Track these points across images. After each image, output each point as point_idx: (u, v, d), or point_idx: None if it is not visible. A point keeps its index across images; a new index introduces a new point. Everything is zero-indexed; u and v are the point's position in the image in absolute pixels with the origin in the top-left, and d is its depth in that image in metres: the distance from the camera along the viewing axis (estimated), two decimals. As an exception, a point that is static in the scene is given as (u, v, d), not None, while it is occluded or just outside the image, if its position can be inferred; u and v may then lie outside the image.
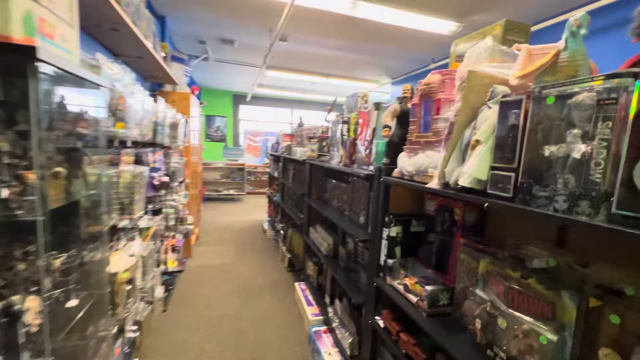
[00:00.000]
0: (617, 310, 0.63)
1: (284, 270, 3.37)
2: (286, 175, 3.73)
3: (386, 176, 1.36)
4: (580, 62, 0.74)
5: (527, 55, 0.89)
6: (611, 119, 0.58)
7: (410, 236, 1.40)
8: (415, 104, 1.23)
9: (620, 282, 0.70)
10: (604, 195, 0.59)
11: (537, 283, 0.78)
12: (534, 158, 0.72)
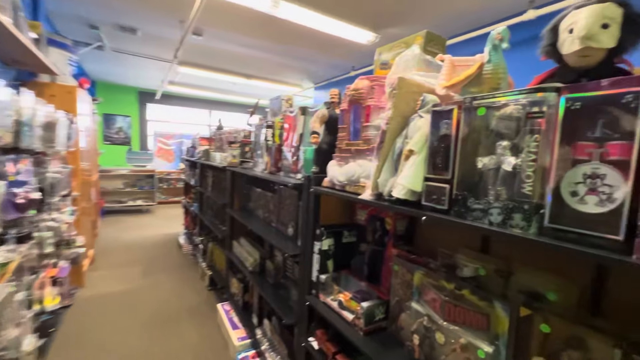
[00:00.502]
0: (545, 318, 0.65)
1: (205, 289, 3.02)
2: (204, 183, 3.38)
3: (316, 186, 1.27)
4: (501, 75, 0.76)
5: (450, 65, 0.90)
6: (538, 132, 0.59)
7: (342, 248, 1.33)
8: (344, 110, 1.17)
9: (542, 288, 0.73)
10: (535, 208, 0.59)
11: (471, 294, 0.78)
12: (468, 170, 0.71)
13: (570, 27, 0.68)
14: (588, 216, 0.52)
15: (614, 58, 0.67)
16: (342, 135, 1.19)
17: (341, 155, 1.17)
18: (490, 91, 0.77)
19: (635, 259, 0.46)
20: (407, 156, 0.82)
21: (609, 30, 0.64)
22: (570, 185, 0.54)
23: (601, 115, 0.51)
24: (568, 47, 0.69)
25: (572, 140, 0.54)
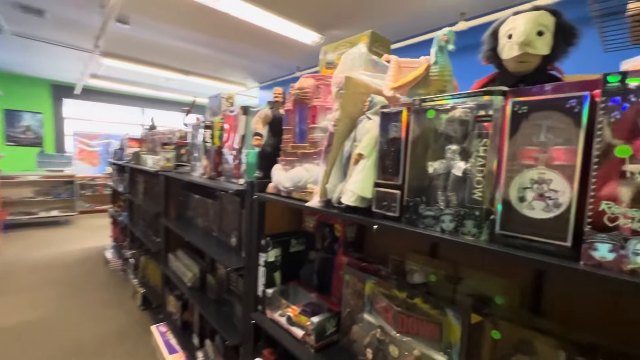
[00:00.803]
0: (495, 324, 0.64)
1: (137, 310, 2.68)
2: (135, 189, 3.01)
3: (260, 192, 1.16)
4: (447, 77, 0.74)
5: (396, 66, 0.87)
6: (486, 136, 0.58)
7: (290, 257, 1.25)
8: (289, 110, 1.08)
9: (489, 291, 0.73)
10: (486, 214, 0.57)
11: (424, 302, 0.75)
12: (418, 174, 0.68)
13: (509, 33, 0.69)
14: (536, 222, 0.51)
15: (547, 65, 0.69)
16: (287, 137, 1.10)
17: (286, 159, 1.08)
18: (437, 93, 0.75)
19: (583, 265, 0.45)
20: (357, 160, 0.76)
21: (544, 38, 0.66)
22: (518, 190, 0.53)
23: (546, 120, 0.51)
24: (507, 53, 0.70)
25: (519, 144, 0.53)
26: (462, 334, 0.68)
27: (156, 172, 2.22)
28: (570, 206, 0.48)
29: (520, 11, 0.68)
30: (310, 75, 1.04)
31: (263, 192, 1.16)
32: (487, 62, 0.76)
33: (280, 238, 1.22)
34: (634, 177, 0.42)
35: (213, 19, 3.12)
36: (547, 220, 0.50)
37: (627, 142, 0.43)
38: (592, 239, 0.45)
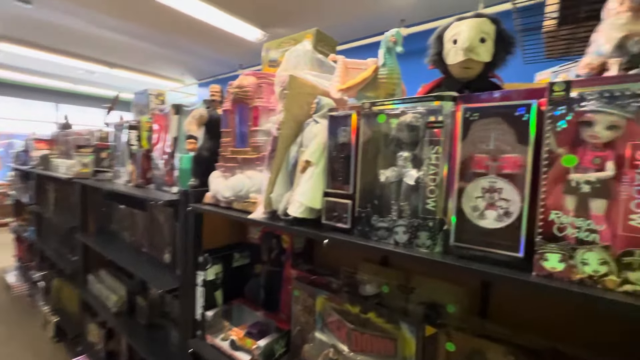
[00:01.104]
0: (448, 335, 0.63)
1: (49, 342, 2.27)
2: (43, 200, 2.55)
3: (196, 203, 1.03)
4: (396, 80, 0.72)
5: (343, 67, 0.83)
6: (438, 142, 0.55)
7: (233, 273, 1.13)
8: (228, 111, 0.97)
9: (442, 299, 0.72)
10: (440, 225, 0.55)
11: (377, 317, 0.72)
12: (370, 183, 0.63)
13: (453, 38, 0.68)
14: (489, 232, 0.50)
15: (488, 72, 0.70)
16: (226, 140, 0.99)
17: (226, 165, 0.97)
18: (387, 96, 0.72)
19: (535, 277, 0.45)
20: (304, 168, 0.70)
21: (486, 45, 0.66)
22: (471, 199, 0.52)
23: (495, 128, 0.50)
24: (452, 58, 0.69)
25: (470, 152, 0.52)
26: (417, 347, 0.66)
27: (70, 179, 1.89)
28: (521, 216, 0.47)
29: (464, 17, 0.68)
30: (252, 72, 0.95)
31: (199, 203, 1.03)
32: (433, 66, 0.75)
33: (222, 252, 1.10)
34: (579, 187, 0.43)
35: (142, 6, 2.80)
36: (499, 230, 0.49)
37: (572, 151, 0.43)
38: (542, 249, 0.45)
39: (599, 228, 0.41)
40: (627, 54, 0.92)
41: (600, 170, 0.42)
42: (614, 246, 0.40)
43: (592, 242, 0.41)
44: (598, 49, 0.96)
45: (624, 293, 0.39)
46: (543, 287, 0.43)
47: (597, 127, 0.42)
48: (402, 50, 0.69)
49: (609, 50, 0.92)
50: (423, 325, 0.66)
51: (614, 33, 0.85)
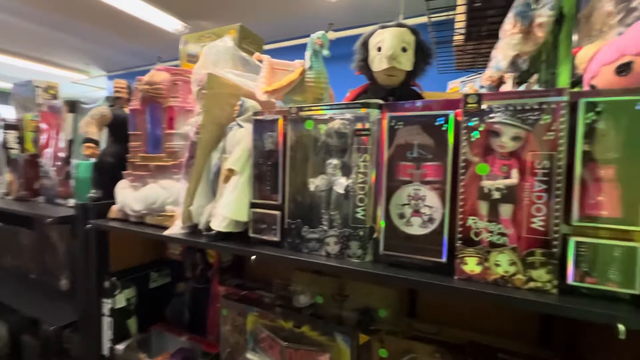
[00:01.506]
0: (381, 342, 0.63)
1: None
2: None
3: (99, 219, 0.87)
4: (323, 84, 0.70)
5: (269, 68, 0.78)
6: (365, 150, 0.55)
7: (150, 295, 0.99)
8: (136, 110, 0.84)
9: (374, 304, 0.72)
10: (369, 234, 0.54)
11: (312, 330, 0.69)
12: (299, 192, 0.60)
13: (378, 45, 0.69)
14: (415, 238, 0.50)
15: (410, 81, 0.73)
16: (135, 145, 0.85)
17: (136, 174, 0.84)
18: (314, 101, 0.70)
19: (456, 280, 0.47)
20: (227, 177, 0.63)
21: (407, 54, 0.68)
22: (397, 207, 0.52)
23: (418, 136, 0.51)
24: (377, 65, 0.69)
25: (396, 160, 0.52)
26: (352, 357, 0.65)
27: None
28: (443, 222, 0.48)
29: (386, 25, 0.69)
30: (165, 68, 0.83)
31: (103, 218, 0.87)
32: (359, 72, 0.75)
33: (135, 273, 0.95)
34: (490, 193, 0.45)
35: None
36: (424, 236, 0.50)
37: (484, 160, 0.46)
38: (462, 254, 0.47)
39: (508, 231, 0.44)
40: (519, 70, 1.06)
41: (507, 178, 0.45)
42: (520, 247, 0.44)
43: (503, 245, 0.44)
44: (497, 64, 1.09)
45: (528, 290, 0.43)
46: (463, 291, 0.44)
47: (503, 138, 0.45)
48: (329, 54, 0.67)
49: (505, 66, 1.04)
50: (357, 334, 0.65)
51: (509, 51, 0.97)
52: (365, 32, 0.73)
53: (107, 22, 3.06)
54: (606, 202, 0.41)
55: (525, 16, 0.88)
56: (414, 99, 0.71)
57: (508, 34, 0.91)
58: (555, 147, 0.42)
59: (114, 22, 3.04)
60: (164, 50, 3.76)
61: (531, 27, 0.87)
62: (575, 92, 0.41)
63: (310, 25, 2.84)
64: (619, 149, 0.40)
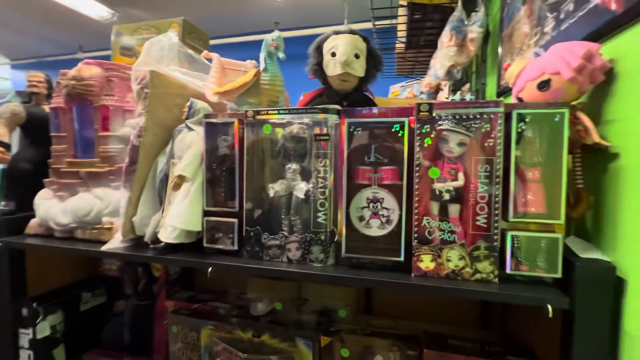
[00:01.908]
0: (342, 341, 0.64)
1: None
2: None
3: (12, 235, 0.73)
4: (279, 87, 0.68)
5: (220, 67, 0.74)
6: (325, 155, 0.55)
7: (82, 319, 0.87)
8: (60, 109, 0.73)
9: (333, 304, 0.74)
10: (331, 238, 0.55)
11: (272, 338, 0.67)
12: (257, 198, 0.58)
13: (332, 50, 0.70)
14: (374, 239, 0.52)
15: (362, 86, 0.75)
16: (59, 148, 0.74)
17: (61, 182, 0.73)
18: (270, 103, 0.68)
19: (414, 277, 0.50)
20: (178, 184, 0.58)
21: (360, 61, 0.70)
22: (357, 210, 0.53)
23: (375, 141, 0.53)
24: (332, 70, 0.70)
25: (355, 164, 0.53)
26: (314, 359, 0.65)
27: None
28: (400, 222, 0.51)
29: (339, 31, 0.71)
30: (96, 62, 0.74)
31: (19, 234, 0.74)
32: (313, 76, 0.75)
33: (63, 295, 0.83)
34: (441, 195, 0.49)
35: None
36: (382, 237, 0.52)
37: (435, 164, 0.50)
38: (418, 252, 0.50)
39: (457, 229, 0.49)
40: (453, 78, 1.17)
41: (455, 180, 0.49)
42: (467, 243, 0.48)
43: (453, 242, 0.49)
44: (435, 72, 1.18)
45: (475, 281, 0.48)
46: (421, 287, 0.48)
47: (451, 144, 0.49)
48: (284, 57, 0.66)
49: (442, 75, 1.14)
50: (318, 337, 0.66)
51: (445, 62, 1.06)
52: (319, 36, 0.74)
53: (9, 1, 2.60)
54: (534, 200, 0.47)
55: (460, 31, 0.97)
56: (366, 103, 0.75)
57: (445, 46, 1.00)
58: (494, 152, 0.47)
59: (19, 1, 2.60)
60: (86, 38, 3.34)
61: (465, 42, 0.97)
62: (509, 104, 0.47)
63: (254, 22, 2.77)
64: (543, 154, 0.46)
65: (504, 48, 0.88)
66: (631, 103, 0.43)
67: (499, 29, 0.91)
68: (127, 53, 1.02)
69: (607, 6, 0.46)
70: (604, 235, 0.47)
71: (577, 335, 0.42)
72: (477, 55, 1.04)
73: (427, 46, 1.57)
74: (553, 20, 0.63)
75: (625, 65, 0.44)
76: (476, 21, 0.96)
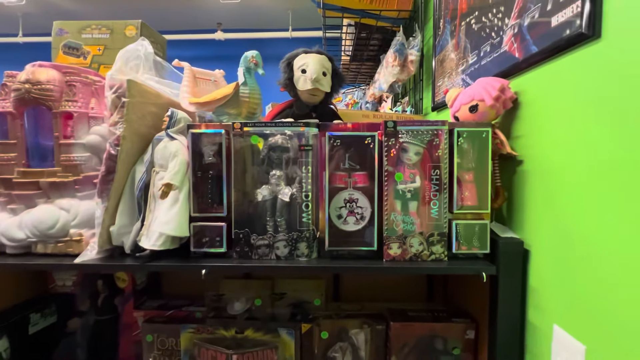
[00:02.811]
0: (320, 326, 0.73)
1: None
2: None
3: (-56, 257, 0.65)
4: (257, 100, 0.74)
5: (192, 77, 0.77)
6: (307, 163, 0.63)
7: (31, 341, 0.79)
8: (8, 114, 0.67)
9: (307, 296, 0.82)
10: (313, 234, 0.63)
11: (255, 332, 0.73)
12: (243, 202, 0.63)
13: (302, 68, 0.78)
14: (351, 233, 0.62)
15: (328, 100, 0.85)
16: (9, 157, 0.68)
17: (13, 193, 0.67)
18: (249, 115, 0.73)
19: (385, 262, 0.61)
20: (165, 193, 0.60)
21: (327, 78, 0.80)
22: (335, 209, 0.63)
23: (350, 151, 0.62)
24: (302, 85, 0.78)
25: (334, 170, 0.62)
26: (296, 345, 0.72)
27: None
28: (373, 218, 0.62)
29: (308, 51, 0.79)
30: (51, 64, 0.69)
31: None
32: (284, 89, 0.82)
33: (8, 319, 0.75)
34: (404, 194, 0.61)
35: None
36: (358, 231, 0.62)
37: (398, 169, 0.62)
38: (388, 241, 0.61)
39: (415, 221, 0.61)
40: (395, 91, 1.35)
41: (413, 182, 0.62)
42: (424, 232, 0.61)
43: (414, 231, 0.61)
44: (380, 86, 1.34)
45: (431, 261, 0.61)
46: (393, 269, 0.59)
47: (410, 153, 0.62)
48: (263, 73, 0.72)
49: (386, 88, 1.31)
50: (299, 325, 0.73)
51: (389, 78, 1.22)
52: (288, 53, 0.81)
53: None
54: (469, 195, 0.62)
55: (402, 53, 1.14)
56: (332, 115, 0.85)
57: (390, 65, 1.16)
58: (441, 160, 0.61)
59: None
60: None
61: (406, 62, 1.14)
62: (452, 123, 0.61)
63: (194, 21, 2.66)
64: (474, 161, 0.62)
65: (437, 70, 1.07)
66: (530, 124, 0.60)
67: (433, 53, 1.10)
68: (72, 53, 0.94)
69: (513, 53, 0.64)
70: (514, 219, 0.65)
71: (501, 292, 0.58)
72: (415, 75, 1.22)
73: (369, 60, 1.75)
74: (475, 56, 0.81)
75: (526, 97, 0.62)
76: (414, 46, 1.13)
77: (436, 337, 0.70)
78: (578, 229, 0.47)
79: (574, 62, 0.48)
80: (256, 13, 2.32)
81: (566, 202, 0.49)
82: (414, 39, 1.15)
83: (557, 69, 0.52)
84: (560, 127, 0.51)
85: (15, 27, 1.85)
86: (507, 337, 0.59)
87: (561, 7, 0.49)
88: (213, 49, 2.26)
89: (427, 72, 1.17)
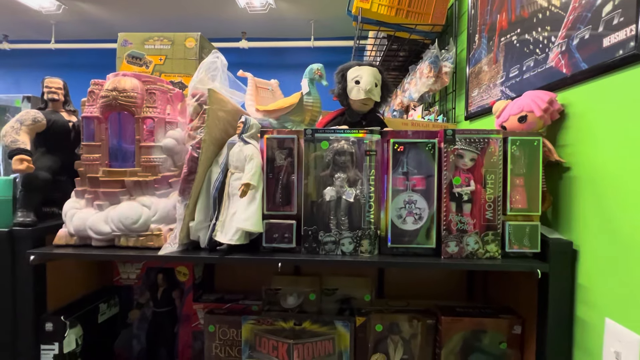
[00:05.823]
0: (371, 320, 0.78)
1: None
2: None
3: (38, 247, 0.71)
4: (318, 108, 0.80)
5: (254, 86, 0.83)
6: (372, 167, 0.69)
7: (98, 332, 0.85)
8: (95, 118, 0.74)
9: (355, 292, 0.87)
10: (375, 232, 0.69)
11: (312, 324, 0.78)
12: (311, 203, 0.69)
13: (356, 79, 0.84)
14: (409, 232, 0.68)
15: (376, 109, 0.91)
16: (92, 157, 0.74)
17: (98, 191, 0.73)
18: (310, 122, 0.80)
19: (443, 259, 0.66)
20: (245, 192, 0.66)
21: (377, 89, 0.86)
22: (395, 210, 0.68)
23: (409, 156, 0.68)
24: (356, 95, 0.85)
25: (395, 174, 0.68)
26: (351, 337, 0.77)
27: None
28: (429, 218, 0.67)
29: (361, 64, 0.86)
30: (132, 74, 0.76)
31: (45, 246, 0.72)
32: (336, 98, 0.88)
33: (83, 308, 0.80)
34: (460, 197, 0.67)
35: None
36: (415, 230, 0.68)
37: (456, 174, 0.67)
38: (446, 240, 0.66)
39: (471, 222, 0.67)
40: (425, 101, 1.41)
41: (468, 186, 0.67)
42: (480, 231, 0.66)
43: (470, 231, 0.66)
44: (410, 95, 1.40)
45: (486, 259, 0.66)
46: (452, 265, 0.64)
47: (465, 159, 0.67)
48: (327, 84, 0.79)
49: (416, 98, 1.37)
50: (354, 318, 0.78)
51: (422, 88, 1.28)
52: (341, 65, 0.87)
53: None
54: (520, 199, 0.67)
55: (436, 65, 1.20)
56: (379, 122, 0.91)
57: (425, 76, 1.22)
58: (496, 165, 0.66)
59: None
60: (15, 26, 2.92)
61: (440, 73, 1.20)
62: (505, 132, 0.67)
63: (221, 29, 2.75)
64: (525, 167, 0.67)
65: (472, 82, 1.13)
66: (577, 134, 0.66)
67: (466, 65, 1.16)
68: (136, 62, 1.01)
69: (560, 69, 0.70)
70: (561, 222, 0.70)
71: (551, 289, 0.63)
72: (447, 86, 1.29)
73: (394, 69, 1.82)
74: (517, 70, 0.87)
75: (573, 110, 0.67)
76: (448, 58, 1.20)
77: (484, 332, 0.75)
78: (628, 229, 0.52)
79: (627, 79, 0.54)
80: (280, 23, 2.40)
81: (616, 205, 0.55)
82: (447, 51, 1.21)
83: (608, 84, 0.58)
84: (610, 136, 0.57)
85: (48, 34, 1.94)
86: (556, 333, 0.64)
87: (614, 29, 0.55)
88: (237, 56, 2.34)
89: (459, 83, 1.23)
